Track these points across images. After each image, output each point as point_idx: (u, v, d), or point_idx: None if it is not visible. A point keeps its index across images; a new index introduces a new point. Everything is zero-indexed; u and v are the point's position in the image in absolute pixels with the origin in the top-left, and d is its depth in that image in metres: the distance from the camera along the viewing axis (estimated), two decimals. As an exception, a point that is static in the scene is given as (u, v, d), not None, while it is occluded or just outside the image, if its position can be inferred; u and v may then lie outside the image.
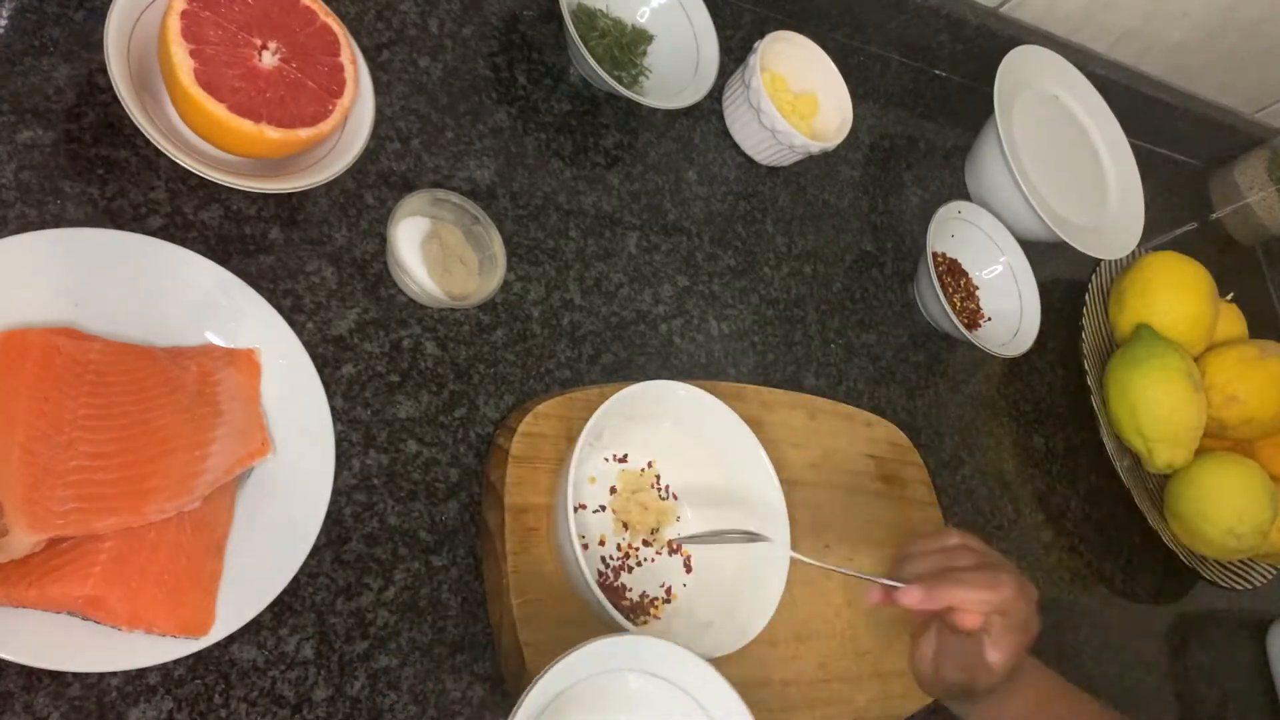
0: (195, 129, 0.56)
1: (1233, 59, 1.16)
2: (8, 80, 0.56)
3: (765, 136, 0.84)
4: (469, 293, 0.65)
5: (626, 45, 0.79)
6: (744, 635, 0.60)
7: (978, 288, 0.97)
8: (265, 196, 0.62)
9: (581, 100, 0.79)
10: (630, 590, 0.63)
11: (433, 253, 0.64)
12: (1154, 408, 0.94)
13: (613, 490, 0.65)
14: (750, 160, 0.87)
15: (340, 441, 0.58)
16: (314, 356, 0.58)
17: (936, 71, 1.09)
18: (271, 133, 0.55)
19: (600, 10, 0.80)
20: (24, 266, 0.51)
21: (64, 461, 0.47)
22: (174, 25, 0.53)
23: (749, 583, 0.63)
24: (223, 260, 0.57)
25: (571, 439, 0.58)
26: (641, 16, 0.82)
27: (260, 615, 0.52)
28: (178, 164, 0.54)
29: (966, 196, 1.02)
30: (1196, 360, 0.99)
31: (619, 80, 0.76)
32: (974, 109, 1.06)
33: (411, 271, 0.63)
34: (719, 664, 0.59)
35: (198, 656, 0.51)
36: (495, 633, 0.60)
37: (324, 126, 0.58)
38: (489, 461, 0.64)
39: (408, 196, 0.64)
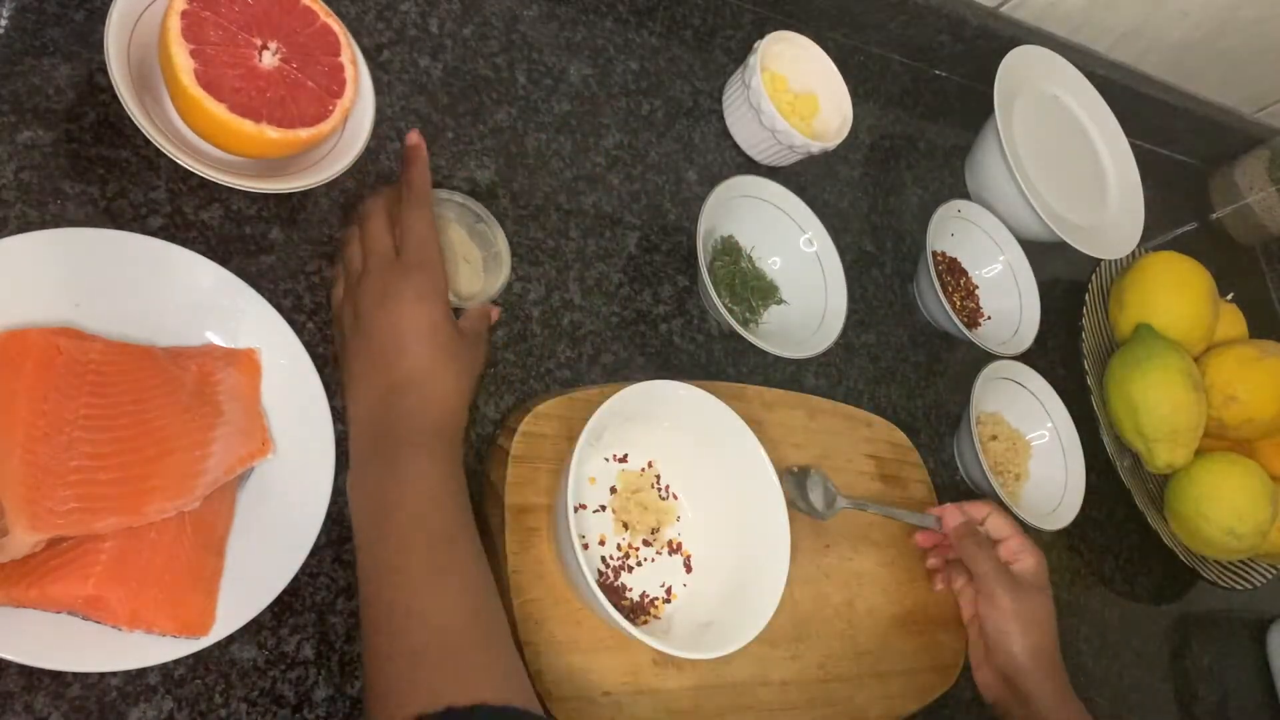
0: (195, 129, 0.56)
1: (1233, 59, 1.16)
2: (8, 80, 0.56)
3: (765, 136, 0.84)
4: (475, 292, 0.65)
5: (753, 289, 0.79)
6: (744, 635, 0.60)
7: (977, 287, 0.97)
8: (265, 196, 0.62)
9: (582, 101, 0.79)
10: (630, 590, 0.63)
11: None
12: (1154, 408, 0.94)
13: (613, 490, 0.65)
14: (750, 160, 0.87)
15: (340, 441, 0.58)
16: (314, 356, 0.58)
17: (936, 71, 1.09)
18: (272, 133, 0.55)
19: (746, 252, 0.81)
20: (24, 266, 0.51)
21: (64, 462, 0.47)
22: (174, 25, 0.53)
23: (748, 583, 0.63)
24: (223, 260, 0.57)
25: (571, 439, 0.58)
26: (774, 265, 0.82)
27: (260, 615, 0.52)
28: (178, 164, 0.54)
29: (966, 196, 1.02)
30: (1196, 360, 0.99)
31: (731, 313, 0.75)
32: (974, 109, 1.06)
33: None
34: (719, 663, 0.60)
35: (198, 656, 0.51)
36: (495, 633, 0.60)
37: (324, 127, 0.58)
38: (489, 461, 0.64)
39: None
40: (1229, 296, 1.11)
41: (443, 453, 0.53)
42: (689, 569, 0.66)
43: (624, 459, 0.67)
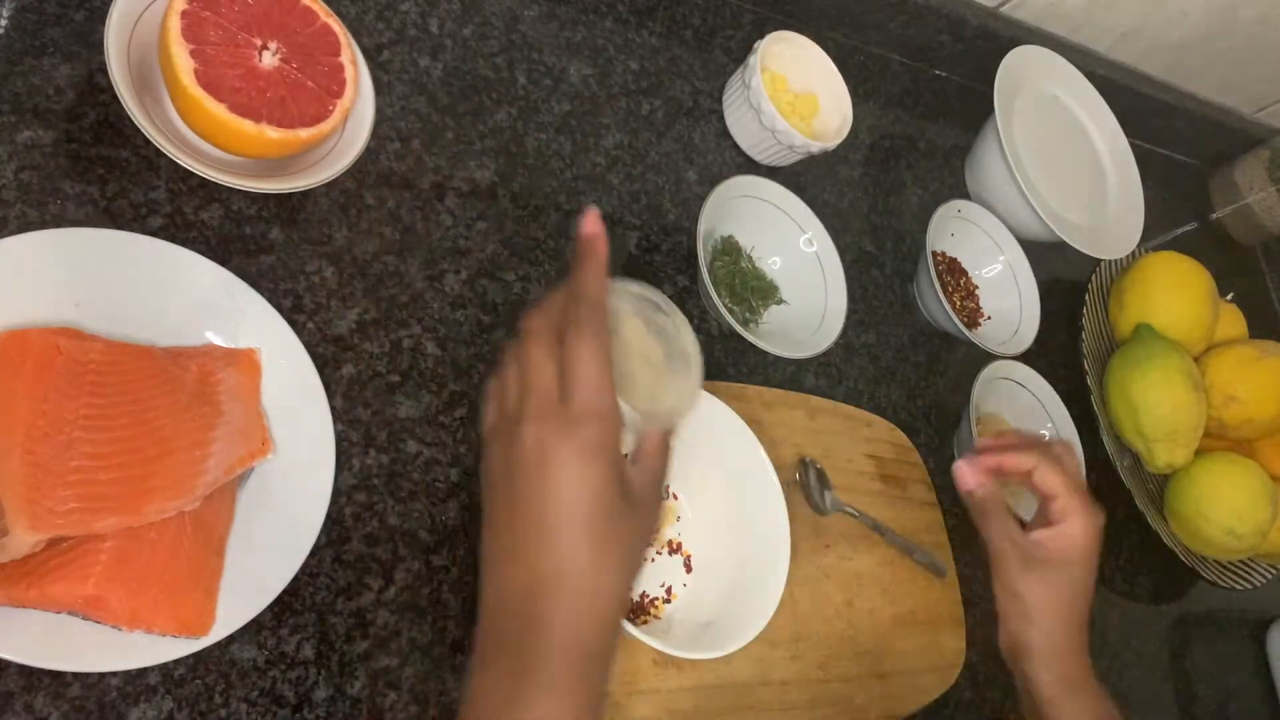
0: (195, 129, 0.56)
1: (1233, 59, 1.16)
2: (8, 80, 0.56)
3: (765, 136, 0.84)
4: (657, 408, 0.49)
5: (753, 289, 0.79)
6: (744, 635, 0.60)
7: (977, 287, 0.97)
8: (265, 196, 0.62)
9: (582, 101, 0.79)
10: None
11: (615, 359, 0.49)
12: (1154, 408, 0.94)
13: (613, 490, 0.65)
14: (750, 160, 0.87)
15: (340, 441, 0.58)
16: (314, 356, 0.58)
17: (936, 71, 1.09)
18: (272, 133, 0.55)
19: (746, 252, 0.81)
20: (24, 267, 0.51)
21: (64, 461, 0.47)
22: (174, 25, 0.53)
23: (749, 582, 0.63)
24: (223, 260, 0.57)
25: (571, 439, 0.58)
26: (774, 265, 0.82)
27: (260, 615, 0.52)
28: (178, 164, 0.54)
29: (966, 196, 1.02)
30: (1196, 360, 0.99)
31: (731, 313, 0.75)
32: (974, 109, 1.06)
33: None
34: (719, 663, 0.60)
35: (198, 656, 0.51)
36: (495, 633, 0.60)
37: (324, 126, 0.58)
38: (489, 461, 0.64)
39: None
40: (1229, 296, 1.11)
41: (580, 682, 0.43)
42: (689, 569, 0.66)
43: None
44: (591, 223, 0.48)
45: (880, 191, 0.97)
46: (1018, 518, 0.64)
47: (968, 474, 0.64)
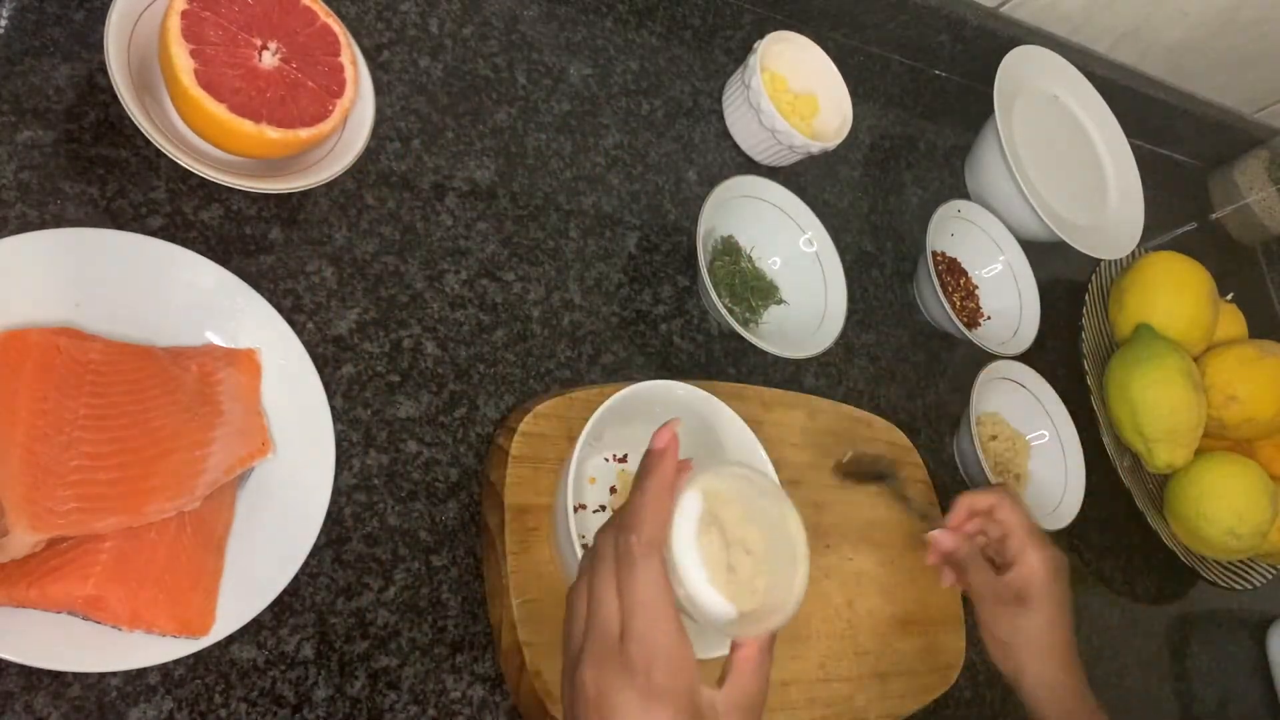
0: (195, 129, 0.56)
1: (1233, 59, 1.16)
2: (8, 80, 0.56)
3: (765, 136, 0.84)
4: (754, 608, 0.45)
5: (753, 289, 0.79)
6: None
7: (977, 287, 0.97)
8: (265, 196, 0.62)
9: (582, 101, 0.79)
10: (630, 590, 0.63)
11: (712, 547, 0.45)
12: (1154, 408, 0.94)
13: (613, 490, 0.65)
14: (750, 160, 0.87)
15: (340, 441, 0.58)
16: (314, 356, 0.58)
17: (936, 71, 1.09)
18: (271, 133, 0.55)
19: (746, 252, 0.81)
20: (24, 266, 0.51)
21: (64, 461, 0.47)
22: (174, 25, 0.53)
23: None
24: (223, 260, 0.57)
25: (571, 439, 0.58)
26: (774, 265, 0.82)
27: (260, 615, 0.52)
28: (178, 164, 0.54)
29: (966, 196, 1.02)
30: (1196, 360, 1.00)
31: (731, 313, 0.75)
32: (974, 109, 1.06)
33: (685, 578, 0.44)
34: (718, 663, 0.59)
35: (198, 656, 0.51)
36: (495, 633, 0.60)
37: (324, 126, 0.58)
38: (489, 461, 0.64)
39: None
40: (1229, 296, 1.11)
41: None
42: (689, 569, 0.66)
43: (624, 459, 0.67)
44: (664, 435, 0.44)
45: (880, 191, 0.97)
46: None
47: (944, 537, 0.68)
